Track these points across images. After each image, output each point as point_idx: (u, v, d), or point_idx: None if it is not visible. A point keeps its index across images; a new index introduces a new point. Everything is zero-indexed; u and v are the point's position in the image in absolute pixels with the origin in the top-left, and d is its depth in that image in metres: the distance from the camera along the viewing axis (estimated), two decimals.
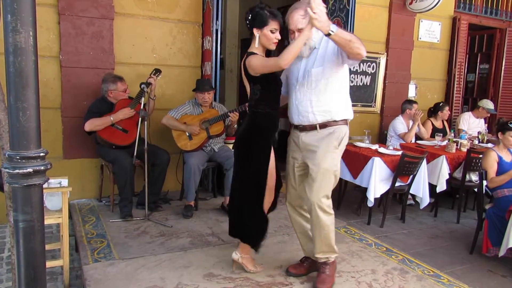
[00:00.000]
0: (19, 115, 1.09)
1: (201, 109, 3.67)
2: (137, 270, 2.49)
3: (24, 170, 1.11)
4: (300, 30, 2.17)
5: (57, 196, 2.48)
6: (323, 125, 2.29)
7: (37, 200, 1.15)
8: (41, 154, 1.13)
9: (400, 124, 4.74)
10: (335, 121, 2.29)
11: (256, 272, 2.51)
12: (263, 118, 2.31)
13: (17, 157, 1.11)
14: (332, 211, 2.31)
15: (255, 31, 2.26)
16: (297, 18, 2.20)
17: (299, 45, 2.07)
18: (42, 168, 1.13)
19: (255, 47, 2.28)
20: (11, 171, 1.11)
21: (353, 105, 2.45)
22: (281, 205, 3.85)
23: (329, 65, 2.23)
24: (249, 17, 2.25)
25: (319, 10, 1.95)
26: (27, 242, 1.15)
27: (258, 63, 2.20)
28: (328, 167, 2.24)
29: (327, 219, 2.27)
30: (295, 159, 2.44)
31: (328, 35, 2.00)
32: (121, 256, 2.66)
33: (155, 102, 3.60)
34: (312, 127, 2.31)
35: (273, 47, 2.29)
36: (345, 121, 2.34)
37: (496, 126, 4.05)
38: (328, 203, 2.28)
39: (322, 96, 2.26)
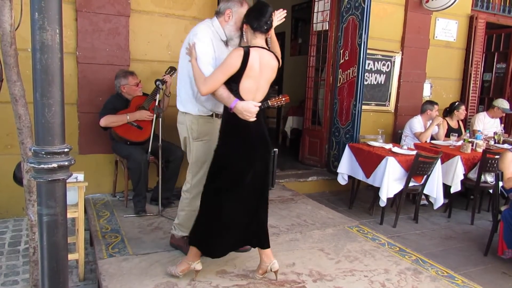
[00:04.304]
0: (44, 111, 1.11)
1: None
2: (151, 265, 2.51)
3: (49, 165, 1.13)
4: None
5: (73, 190, 2.52)
6: None
7: (61, 195, 1.17)
8: (65, 150, 1.15)
9: (417, 123, 4.68)
10: None
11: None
12: None
13: (42, 152, 1.13)
14: None
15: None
16: None
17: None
18: (67, 163, 1.15)
19: None
20: (36, 166, 1.13)
21: (367, 104, 2.45)
22: (293, 203, 3.89)
23: None
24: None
25: None
26: (51, 236, 1.17)
27: None
28: None
29: None
30: None
31: None
32: (135, 251, 2.69)
33: (170, 99, 3.62)
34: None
35: None
36: None
37: None
38: None
39: None
